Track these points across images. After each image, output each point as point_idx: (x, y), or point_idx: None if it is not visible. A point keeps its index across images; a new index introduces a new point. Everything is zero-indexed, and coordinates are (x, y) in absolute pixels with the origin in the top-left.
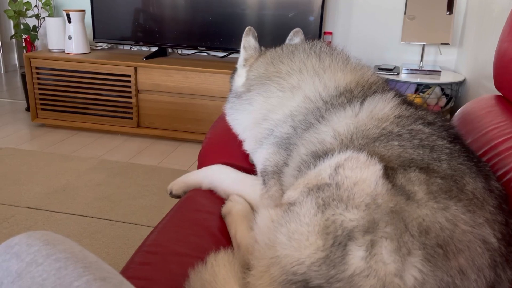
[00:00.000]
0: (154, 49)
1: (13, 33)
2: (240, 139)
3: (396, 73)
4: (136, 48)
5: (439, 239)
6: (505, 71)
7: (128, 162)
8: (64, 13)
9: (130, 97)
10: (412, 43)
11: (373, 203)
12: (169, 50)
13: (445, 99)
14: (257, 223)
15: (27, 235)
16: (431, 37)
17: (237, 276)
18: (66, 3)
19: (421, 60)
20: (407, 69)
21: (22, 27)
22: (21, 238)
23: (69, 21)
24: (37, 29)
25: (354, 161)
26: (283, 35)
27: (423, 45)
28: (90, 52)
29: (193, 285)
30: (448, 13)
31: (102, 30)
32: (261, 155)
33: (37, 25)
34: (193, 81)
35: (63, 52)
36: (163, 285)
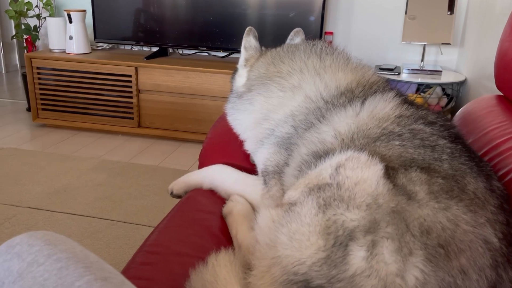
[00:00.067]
0: (154, 49)
1: (14, 33)
2: (241, 139)
3: (397, 73)
4: (137, 48)
5: (440, 239)
6: (506, 71)
7: (129, 162)
8: (65, 13)
9: (131, 97)
10: (413, 43)
11: (374, 203)
12: (170, 50)
13: (446, 99)
14: (258, 223)
15: (28, 235)
16: (432, 37)
17: (238, 276)
18: (67, 3)
19: (422, 60)
20: (408, 69)
21: (23, 27)
22: (22, 238)
23: (70, 21)
24: (38, 29)
25: (355, 161)
26: (283, 35)
27: (424, 45)
28: (91, 52)
29: (194, 285)
30: (449, 13)
31: (103, 30)
32: (262, 155)
33: (38, 25)
34: (193, 81)
35: (64, 52)
36: (164, 285)
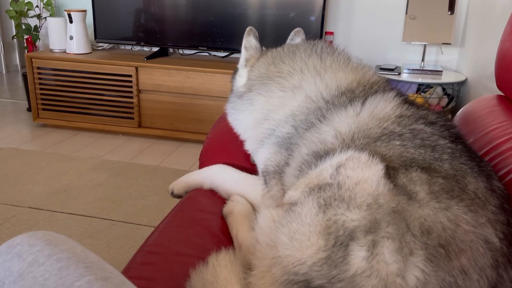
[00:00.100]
0: (155, 49)
1: (14, 33)
2: (241, 139)
3: (397, 73)
4: (137, 48)
5: (441, 239)
6: (507, 71)
7: (129, 162)
8: (65, 13)
9: (131, 97)
10: (413, 43)
11: (374, 203)
12: (170, 50)
13: (446, 99)
14: (258, 223)
15: (28, 235)
16: (433, 37)
17: (238, 276)
18: (67, 3)
19: (423, 60)
20: (409, 69)
21: (23, 27)
22: (22, 238)
23: (71, 21)
24: (39, 29)
25: (355, 160)
26: (284, 35)
27: (424, 45)
28: (91, 52)
29: (195, 285)
30: (449, 13)
31: (103, 30)
32: (262, 155)
33: (38, 25)
34: (194, 81)
35: (65, 52)
36: (164, 285)
